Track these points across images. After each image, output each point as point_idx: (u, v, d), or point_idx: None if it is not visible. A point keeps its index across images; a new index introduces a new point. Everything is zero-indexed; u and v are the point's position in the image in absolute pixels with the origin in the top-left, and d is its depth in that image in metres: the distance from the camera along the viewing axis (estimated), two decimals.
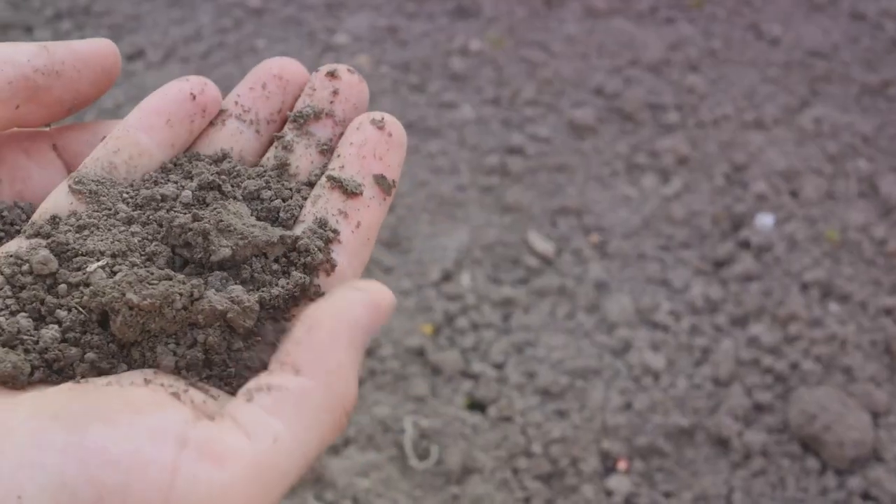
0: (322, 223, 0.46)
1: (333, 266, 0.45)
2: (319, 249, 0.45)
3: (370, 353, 1.45)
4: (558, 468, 1.32)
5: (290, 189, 0.48)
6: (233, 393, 0.40)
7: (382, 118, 0.49)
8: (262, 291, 0.43)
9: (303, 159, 0.50)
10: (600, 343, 1.50)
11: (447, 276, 1.58)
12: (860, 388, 1.41)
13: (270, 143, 0.51)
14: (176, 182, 0.47)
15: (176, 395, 0.37)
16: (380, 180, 0.48)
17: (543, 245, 1.65)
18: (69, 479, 0.32)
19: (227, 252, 0.42)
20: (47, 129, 0.48)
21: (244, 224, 0.44)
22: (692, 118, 1.95)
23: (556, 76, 2.04)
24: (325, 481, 1.29)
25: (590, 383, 1.43)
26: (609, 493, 1.31)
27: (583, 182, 1.80)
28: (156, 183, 0.46)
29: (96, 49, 0.45)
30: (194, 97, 0.48)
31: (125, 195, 0.46)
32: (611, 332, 1.51)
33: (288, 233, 0.45)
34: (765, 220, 1.72)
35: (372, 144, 0.48)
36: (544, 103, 1.97)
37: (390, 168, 0.49)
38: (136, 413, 0.34)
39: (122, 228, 0.44)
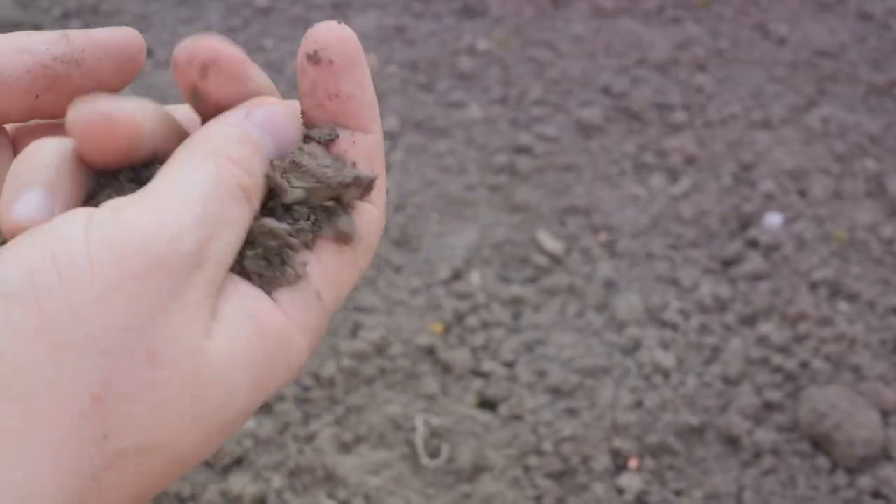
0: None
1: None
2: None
3: (380, 350, 1.46)
4: (569, 466, 1.33)
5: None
6: None
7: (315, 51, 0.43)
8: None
9: None
10: (610, 342, 1.50)
11: (456, 275, 1.59)
12: (870, 387, 1.41)
13: None
14: None
15: None
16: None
17: (552, 244, 1.65)
18: (6, 277, 0.32)
19: (299, 193, 0.41)
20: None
21: (318, 164, 0.42)
22: (700, 118, 1.95)
23: (564, 76, 2.04)
24: (336, 479, 1.29)
25: (600, 382, 1.44)
26: (620, 491, 1.31)
27: (591, 181, 1.80)
28: None
29: (118, 37, 0.44)
30: None
31: None
32: (620, 331, 1.52)
33: (364, 173, 0.44)
34: (773, 219, 1.72)
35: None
36: (552, 103, 1.97)
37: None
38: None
39: None
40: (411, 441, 1.35)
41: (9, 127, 0.46)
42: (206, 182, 0.35)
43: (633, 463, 1.34)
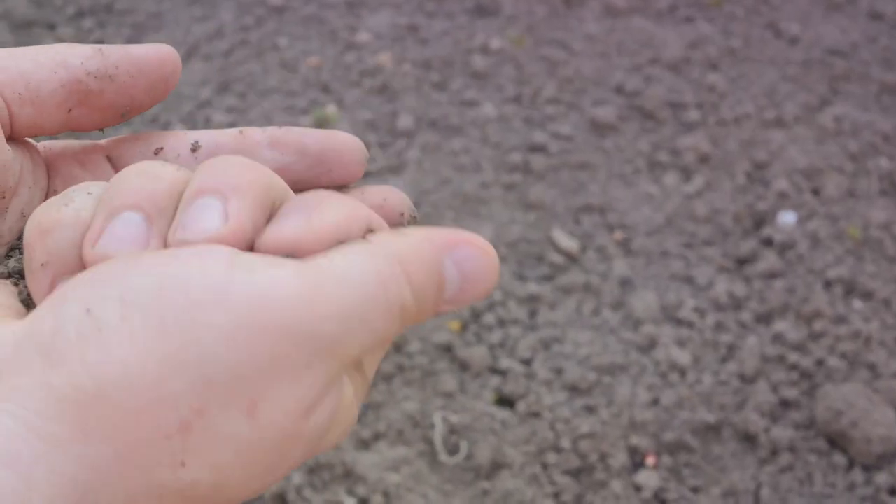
0: None
1: None
2: None
3: (398, 348, 1.46)
4: (587, 463, 1.33)
5: None
6: None
7: None
8: None
9: None
10: (626, 339, 1.50)
11: None
12: (885, 385, 1.42)
13: None
14: None
15: None
16: None
17: (568, 242, 1.66)
18: (132, 283, 0.32)
19: None
20: (102, 141, 0.47)
21: None
22: (713, 116, 1.96)
23: (577, 75, 2.05)
24: (355, 476, 1.30)
25: (617, 379, 1.44)
26: (638, 489, 1.32)
27: (605, 180, 1.81)
28: None
29: (154, 55, 0.44)
30: None
31: None
32: (636, 329, 1.52)
33: None
34: (787, 217, 1.72)
35: None
36: (565, 101, 1.98)
37: None
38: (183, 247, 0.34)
39: None
40: (429, 438, 1.35)
41: (41, 147, 0.46)
42: (373, 283, 0.34)
43: (650, 460, 1.35)
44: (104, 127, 0.45)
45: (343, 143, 0.47)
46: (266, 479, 0.35)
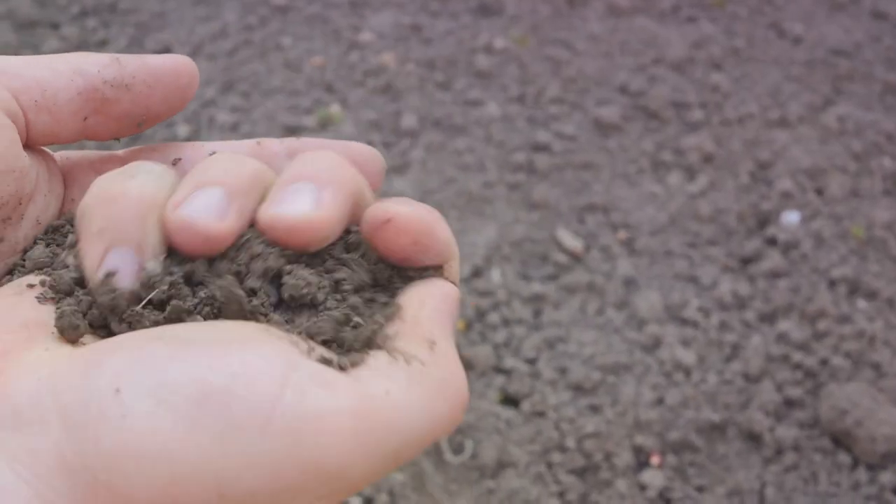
0: None
1: None
2: None
3: None
4: (592, 462, 1.33)
5: None
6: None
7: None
8: None
9: None
10: (630, 339, 1.51)
11: (477, 273, 1.60)
12: (889, 384, 1.42)
13: None
14: None
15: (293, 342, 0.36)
16: None
17: (572, 242, 1.66)
18: (171, 378, 0.31)
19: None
20: (119, 152, 0.47)
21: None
22: (717, 116, 1.96)
23: (581, 74, 2.05)
24: None
25: (621, 379, 1.44)
26: (643, 488, 1.32)
27: (609, 179, 1.81)
28: None
29: (171, 65, 0.44)
30: None
31: None
32: (640, 329, 1.53)
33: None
34: (791, 217, 1.73)
35: None
36: (569, 101, 1.98)
37: None
38: (248, 339, 0.33)
39: None
40: None
41: (58, 157, 0.46)
42: (428, 431, 0.34)
43: (655, 459, 1.35)
44: (120, 137, 0.46)
45: (360, 153, 0.47)
46: None
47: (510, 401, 1.42)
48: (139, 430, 0.30)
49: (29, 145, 0.42)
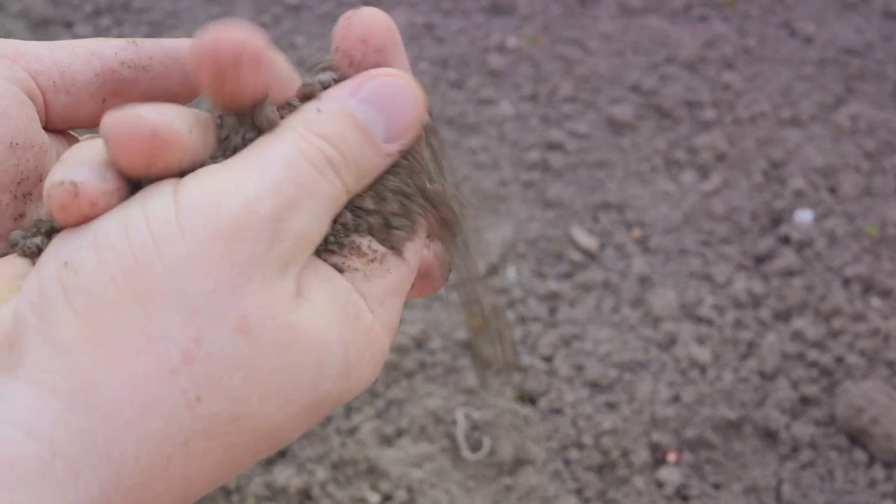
0: None
1: None
2: None
3: (420, 345, 1.47)
4: (609, 460, 1.34)
5: None
6: None
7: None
8: None
9: None
10: (646, 337, 1.51)
11: (493, 270, 1.60)
12: None
13: None
14: None
15: None
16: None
17: (587, 240, 1.67)
18: (99, 230, 0.33)
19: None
20: None
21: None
22: (729, 115, 1.96)
23: (593, 73, 2.05)
24: (378, 472, 1.31)
25: (637, 376, 1.45)
26: (660, 485, 1.32)
27: (623, 178, 1.81)
28: None
29: (186, 47, 0.44)
30: None
31: None
32: (656, 326, 1.53)
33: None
34: (804, 215, 1.73)
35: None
36: (582, 100, 1.99)
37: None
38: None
39: None
40: (452, 434, 1.36)
41: (81, 139, 0.47)
42: (287, 152, 0.35)
43: (671, 456, 1.36)
44: None
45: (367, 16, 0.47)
46: (289, 409, 0.34)
47: (527, 398, 1.43)
48: (98, 282, 0.32)
49: (49, 128, 0.42)
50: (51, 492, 0.29)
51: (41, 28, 2.13)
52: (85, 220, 0.34)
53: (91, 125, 0.44)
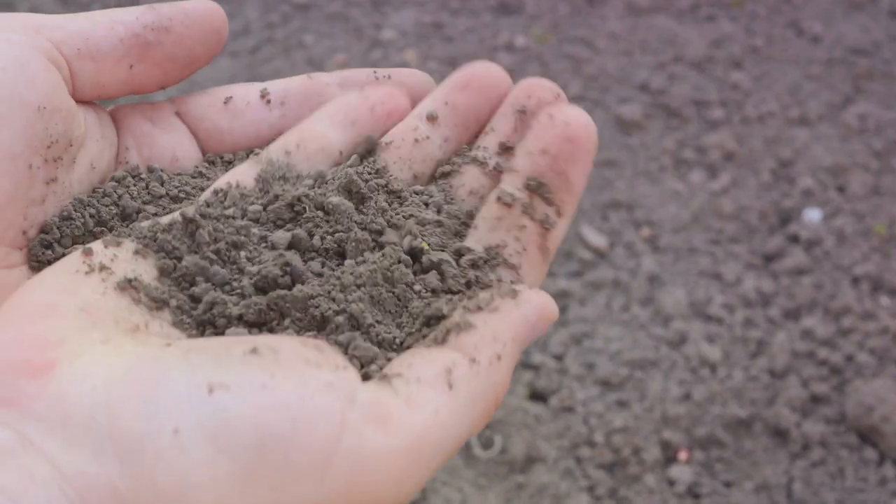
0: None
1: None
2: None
3: None
4: (621, 457, 1.34)
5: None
6: None
7: (567, 120, 0.44)
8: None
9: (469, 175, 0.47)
10: (656, 335, 1.52)
11: None
12: None
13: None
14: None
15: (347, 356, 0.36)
16: (536, 186, 0.44)
17: (596, 238, 1.67)
18: (232, 418, 0.30)
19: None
20: (169, 98, 0.49)
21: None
22: (737, 114, 1.97)
23: (602, 72, 2.06)
24: None
25: (648, 374, 1.45)
26: (671, 483, 1.33)
27: (632, 177, 1.82)
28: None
29: (202, 7, 0.46)
30: (373, 109, 0.47)
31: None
32: (666, 325, 1.54)
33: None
34: (813, 214, 1.73)
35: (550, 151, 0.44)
36: (590, 99, 1.99)
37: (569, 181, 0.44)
38: (310, 365, 0.33)
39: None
40: None
41: (111, 108, 0.47)
42: (464, 437, 0.36)
43: (682, 455, 1.36)
44: (165, 85, 0.47)
45: (410, 76, 0.50)
46: None
47: (538, 396, 1.43)
48: (196, 478, 0.29)
49: (77, 97, 0.43)
50: None
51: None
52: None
53: (118, 93, 0.45)
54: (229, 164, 0.47)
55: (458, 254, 0.43)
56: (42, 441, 0.29)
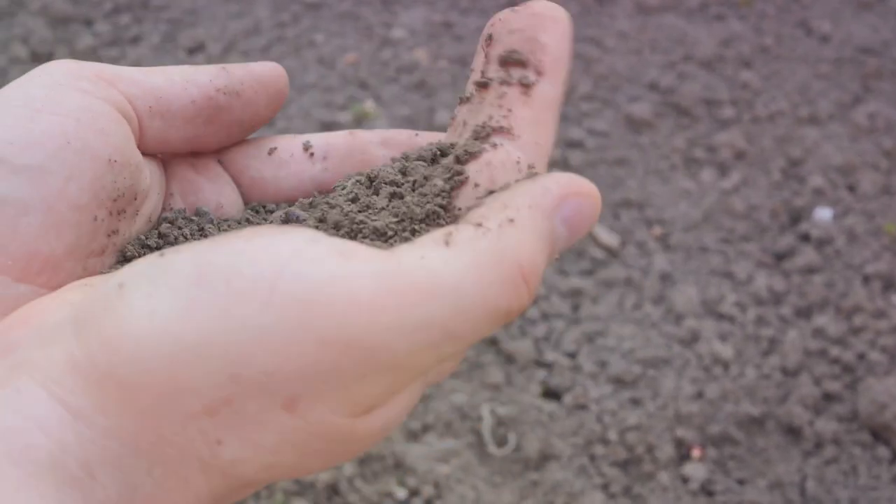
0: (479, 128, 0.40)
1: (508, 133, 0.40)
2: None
3: None
4: (634, 455, 1.35)
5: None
6: None
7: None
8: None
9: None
10: (668, 333, 1.52)
11: None
12: None
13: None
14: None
15: None
16: (506, 56, 0.40)
17: (608, 237, 1.68)
18: (172, 263, 0.31)
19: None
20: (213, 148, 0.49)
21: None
22: (747, 113, 1.97)
23: (611, 71, 2.06)
24: (405, 467, 1.32)
25: (661, 372, 1.46)
26: (685, 480, 1.33)
27: (642, 175, 1.82)
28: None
29: (270, 70, 0.46)
30: None
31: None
32: (678, 323, 1.54)
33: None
34: (823, 213, 1.74)
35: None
36: (601, 98, 2.00)
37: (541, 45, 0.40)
38: (279, 231, 0.32)
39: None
40: (478, 430, 1.37)
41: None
42: (479, 298, 0.31)
43: (696, 452, 1.37)
44: (225, 146, 0.47)
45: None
46: (323, 464, 0.33)
47: (552, 394, 1.44)
48: (136, 314, 0.29)
49: (142, 150, 0.43)
50: (65, 484, 0.29)
51: (61, 25, 2.14)
52: None
53: (181, 150, 0.46)
54: (270, 213, 0.47)
55: (443, 152, 0.42)
56: (25, 355, 0.31)
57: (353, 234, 0.37)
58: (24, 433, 0.29)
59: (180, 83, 0.44)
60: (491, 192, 0.37)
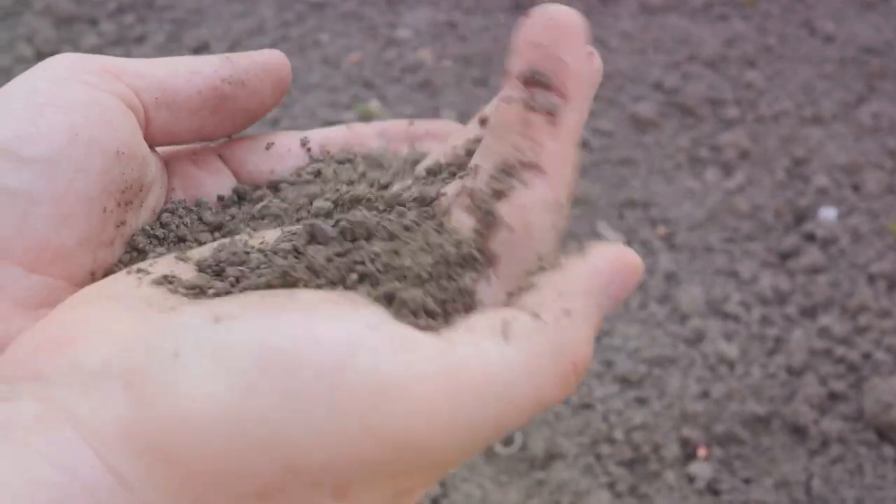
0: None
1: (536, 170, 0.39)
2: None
3: None
4: (640, 454, 1.35)
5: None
6: None
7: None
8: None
9: None
10: (674, 333, 1.52)
11: None
12: None
13: None
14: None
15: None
16: (530, 75, 0.39)
17: (613, 237, 1.68)
18: (234, 338, 0.30)
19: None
20: (213, 144, 0.49)
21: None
22: (752, 113, 1.97)
23: (615, 71, 2.07)
24: None
25: (667, 372, 1.46)
26: (691, 479, 1.33)
27: (647, 175, 1.83)
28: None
29: (274, 59, 0.46)
30: None
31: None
32: (683, 323, 1.54)
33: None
34: (828, 213, 1.74)
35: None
36: (605, 97, 2.00)
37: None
38: (328, 302, 0.32)
39: None
40: None
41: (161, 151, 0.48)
42: (530, 391, 0.31)
43: (702, 451, 1.37)
44: (232, 134, 0.48)
45: (443, 127, 0.50)
46: None
47: None
48: (194, 395, 0.29)
49: (148, 142, 0.44)
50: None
51: (65, 25, 2.14)
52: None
53: (187, 141, 0.46)
54: (259, 200, 0.48)
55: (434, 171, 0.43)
56: (64, 399, 0.30)
57: (397, 277, 0.36)
58: (69, 497, 0.28)
59: (185, 74, 0.44)
60: (528, 240, 0.38)
